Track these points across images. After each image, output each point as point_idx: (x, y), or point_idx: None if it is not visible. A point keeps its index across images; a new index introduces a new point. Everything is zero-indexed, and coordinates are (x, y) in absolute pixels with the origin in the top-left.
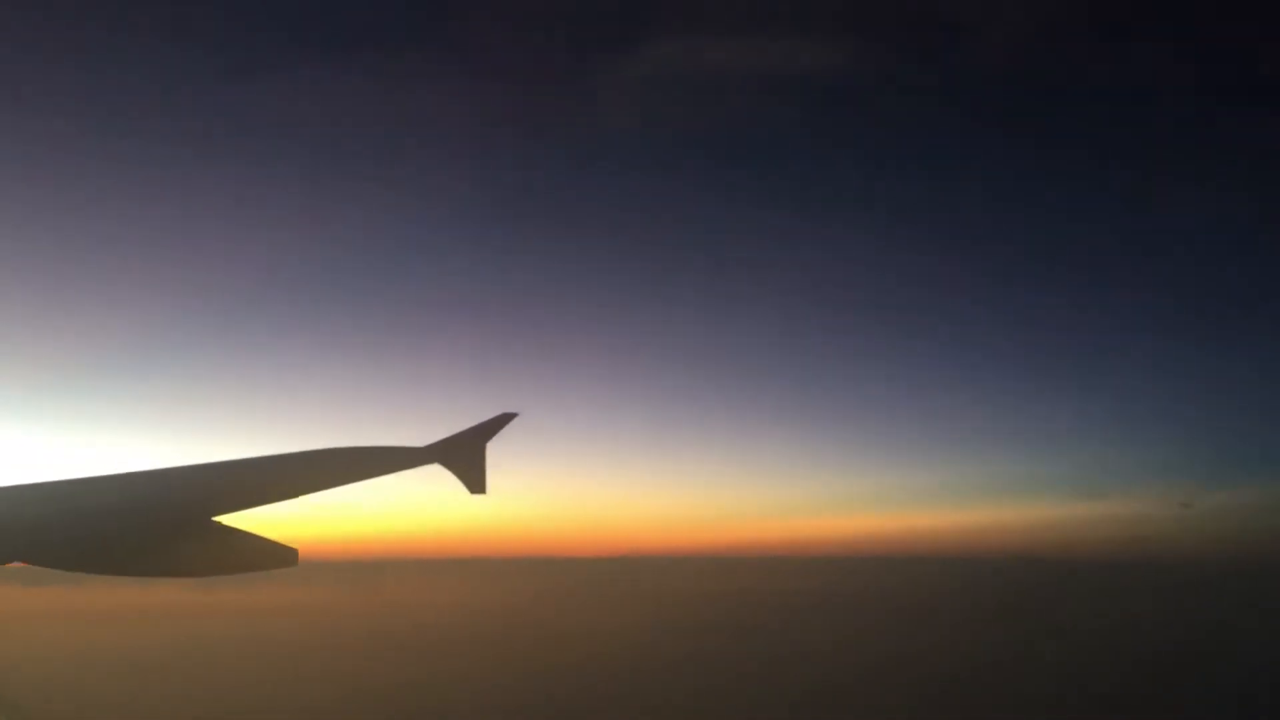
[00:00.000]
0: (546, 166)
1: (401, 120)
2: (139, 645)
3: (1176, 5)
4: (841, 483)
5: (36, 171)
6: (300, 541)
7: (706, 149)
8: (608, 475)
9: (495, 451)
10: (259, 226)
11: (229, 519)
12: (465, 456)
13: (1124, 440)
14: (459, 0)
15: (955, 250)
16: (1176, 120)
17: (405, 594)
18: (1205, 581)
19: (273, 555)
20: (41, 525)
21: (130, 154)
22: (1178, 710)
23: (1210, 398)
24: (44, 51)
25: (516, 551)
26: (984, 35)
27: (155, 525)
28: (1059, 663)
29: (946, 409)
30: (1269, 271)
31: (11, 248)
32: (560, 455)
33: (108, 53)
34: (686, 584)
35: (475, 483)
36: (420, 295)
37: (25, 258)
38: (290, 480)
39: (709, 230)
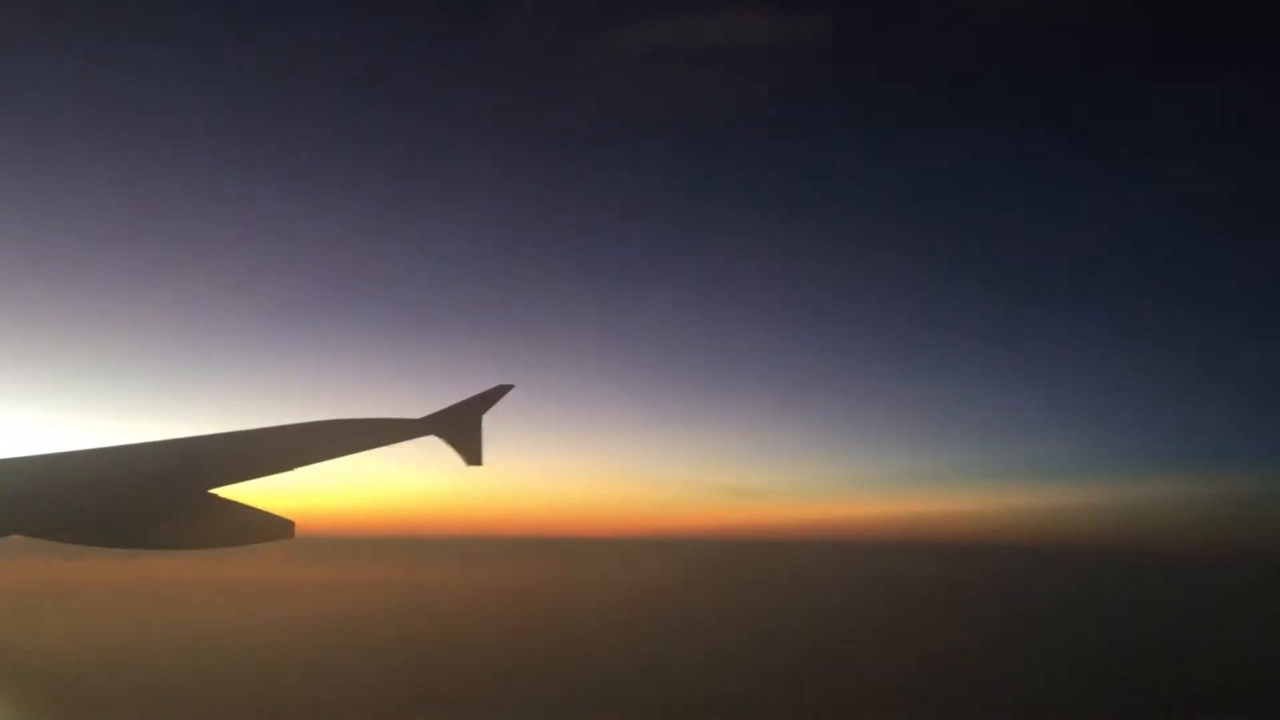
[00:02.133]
0: (545, 151)
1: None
2: (136, 618)
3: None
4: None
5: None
6: (297, 515)
7: (706, 134)
8: (605, 456)
9: (491, 424)
10: (257, 210)
11: (225, 491)
12: (462, 428)
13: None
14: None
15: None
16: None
17: (400, 572)
18: (1203, 570)
19: (269, 527)
20: (39, 497)
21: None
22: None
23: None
24: (76, 52)
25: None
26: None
27: (152, 497)
28: (1045, 650)
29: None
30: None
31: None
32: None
33: (114, 52)
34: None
35: (472, 454)
36: (417, 273)
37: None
38: (287, 451)
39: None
